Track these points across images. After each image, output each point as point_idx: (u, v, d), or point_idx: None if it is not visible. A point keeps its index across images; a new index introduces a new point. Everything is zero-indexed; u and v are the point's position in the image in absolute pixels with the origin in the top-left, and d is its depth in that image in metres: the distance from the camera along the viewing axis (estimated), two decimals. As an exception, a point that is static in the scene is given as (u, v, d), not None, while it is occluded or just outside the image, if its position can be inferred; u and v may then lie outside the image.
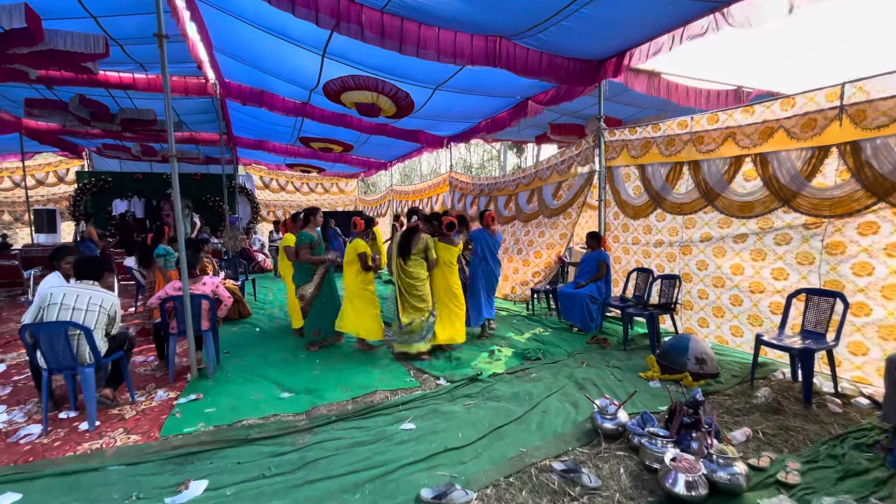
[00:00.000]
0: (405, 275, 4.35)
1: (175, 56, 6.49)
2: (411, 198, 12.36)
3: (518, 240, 6.38)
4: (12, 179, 13.59)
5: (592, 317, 5.16)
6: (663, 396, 3.40)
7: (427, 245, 4.38)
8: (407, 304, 4.36)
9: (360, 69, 5.63)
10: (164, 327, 3.94)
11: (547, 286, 6.00)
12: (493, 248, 4.99)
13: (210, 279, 4.01)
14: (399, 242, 4.39)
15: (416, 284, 4.34)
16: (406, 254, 4.33)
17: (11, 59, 5.29)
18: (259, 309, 6.76)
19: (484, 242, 4.97)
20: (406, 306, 4.37)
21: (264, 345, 4.97)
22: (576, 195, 5.80)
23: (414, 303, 4.33)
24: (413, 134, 8.97)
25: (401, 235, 4.45)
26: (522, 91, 6.34)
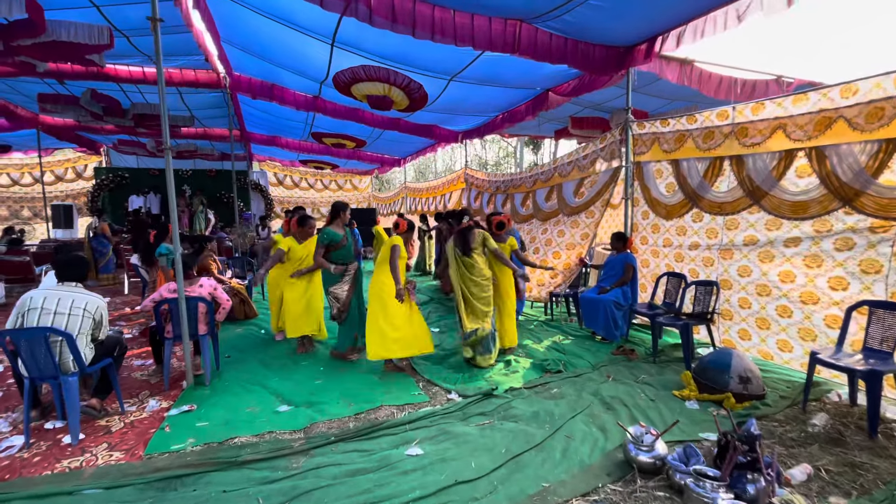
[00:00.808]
0: (471, 273, 4.06)
1: (183, 48, 6.30)
2: (425, 195, 12.05)
3: (535, 239, 6.01)
4: (32, 175, 13.74)
5: (617, 324, 4.77)
6: (704, 421, 3.02)
7: (485, 238, 4.17)
8: (472, 308, 4.06)
9: (371, 59, 5.33)
10: (160, 331, 3.71)
11: (567, 290, 5.61)
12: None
13: (208, 281, 3.76)
14: (456, 242, 4.18)
15: (482, 284, 4.06)
16: (467, 250, 4.09)
17: (16, 51, 5.15)
18: (266, 309, 6.52)
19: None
20: (470, 311, 4.06)
21: (267, 349, 4.72)
22: (599, 192, 5.40)
23: (481, 306, 4.04)
24: (427, 129, 8.66)
25: (456, 235, 4.23)
26: (543, 81, 5.95)
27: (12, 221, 13.39)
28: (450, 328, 5.37)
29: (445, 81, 5.82)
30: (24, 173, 13.73)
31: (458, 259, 4.13)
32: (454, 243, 4.20)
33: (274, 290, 4.97)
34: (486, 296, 4.09)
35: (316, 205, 17.00)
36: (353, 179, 17.30)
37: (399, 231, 3.95)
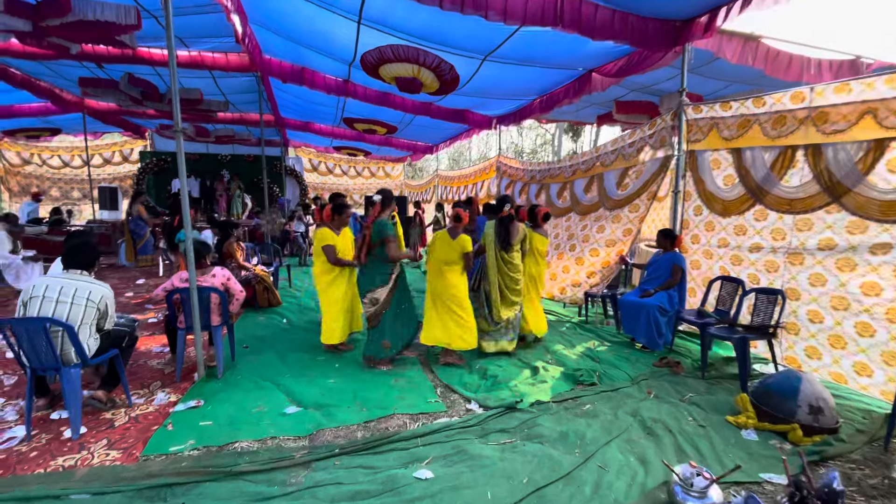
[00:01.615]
0: (508, 268, 4.10)
1: (213, 29, 6.18)
2: (456, 183, 11.70)
3: (573, 234, 5.54)
4: (81, 158, 14.35)
5: (661, 332, 4.31)
6: (766, 457, 2.57)
7: (526, 236, 4.24)
8: (506, 299, 4.13)
9: (399, 37, 5.00)
10: (172, 320, 3.59)
11: (604, 290, 5.16)
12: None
13: (221, 271, 3.60)
14: (497, 232, 4.09)
15: (516, 278, 4.14)
16: (508, 245, 4.07)
17: (46, 31, 5.15)
18: (291, 297, 6.44)
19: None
20: (505, 301, 4.13)
21: (286, 340, 4.57)
22: (646, 184, 4.88)
23: (513, 297, 4.16)
24: (459, 114, 8.27)
25: (497, 225, 4.09)
26: (585, 61, 5.44)
27: (62, 202, 14.08)
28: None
29: (478, 61, 5.41)
30: (73, 156, 14.36)
31: (497, 252, 4.09)
32: (495, 234, 4.08)
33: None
34: (518, 288, 4.18)
35: (349, 191, 17.00)
36: (386, 167, 17.15)
37: (464, 225, 3.85)
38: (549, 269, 5.49)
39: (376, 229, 3.77)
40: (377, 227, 3.78)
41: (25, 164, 13.93)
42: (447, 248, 3.80)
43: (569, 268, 5.42)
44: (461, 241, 3.76)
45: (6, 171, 13.53)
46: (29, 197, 11.30)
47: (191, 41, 6.70)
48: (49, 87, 8.88)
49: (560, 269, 5.50)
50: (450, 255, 3.78)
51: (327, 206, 4.09)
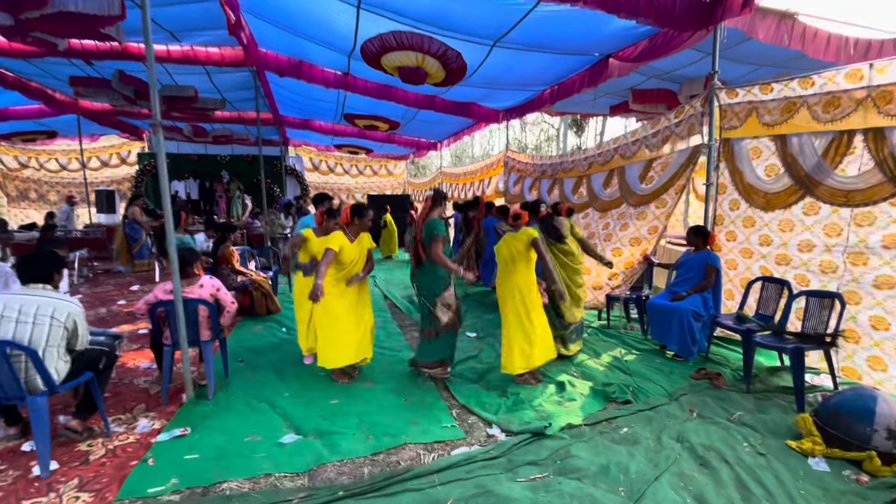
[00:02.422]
0: (569, 259, 4.02)
1: (205, 20, 5.81)
2: (462, 180, 11.32)
3: (594, 233, 5.15)
4: (79, 161, 14.05)
5: (695, 339, 3.92)
6: (844, 493, 2.19)
7: (572, 224, 4.19)
8: (574, 296, 4.00)
9: (402, 22, 4.61)
10: (157, 336, 3.24)
11: (627, 293, 4.77)
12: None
13: (209, 280, 3.24)
14: (545, 231, 3.94)
15: (579, 269, 4.09)
16: (560, 237, 3.97)
17: (28, 25, 4.81)
18: (291, 302, 6.06)
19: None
20: (574, 299, 4.00)
21: (285, 352, 4.22)
22: (673, 177, 4.48)
23: (579, 293, 4.07)
24: (464, 107, 7.88)
25: (540, 225, 3.93)
26: (602, 45, 5.03)
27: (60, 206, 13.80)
28: (488, 333, 4.69)
29: (487, 48, 5.02)
30: (71, 159, 14.08)
31: (552, 248, 3.95)
32: (542, 233, 3.83)
33: (304, 304, 3.90)
34: (582, 283, 4.11)
35: (351, 191, 16.66)
36: (388, 164, 16.79)
37: (522, 223, 3.48)
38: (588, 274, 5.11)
39: (427, 229, 3.43)
40: (428, 227, 3.44)
41: (23, 168, 13.67)
42: (512, 243, 3.45)
43: (589, 269, 5.03)
44: (526, 232, 3.39)
45: (4, 175, 13.27)
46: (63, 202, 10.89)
47: (182, 34, 6.34)
48: (41, 87, 8.56)
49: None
50: (515, 248, 3.41)
51: (345, 207, 3.55)
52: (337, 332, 3.42)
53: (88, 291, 6.94)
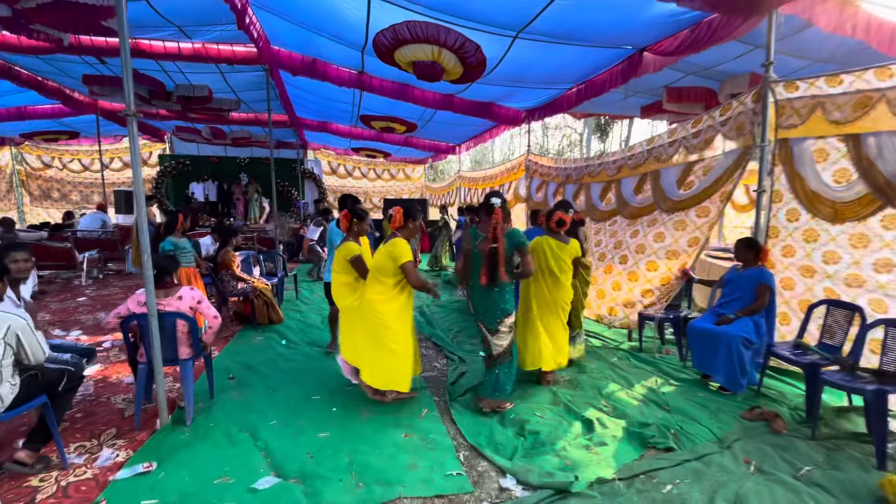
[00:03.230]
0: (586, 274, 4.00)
1: (213, 15, 5.57)
2: (481, 185, 10.89)
3: (621, 242, 4.64)
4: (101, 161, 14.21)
5: (745, 370, 3.38)
6: None
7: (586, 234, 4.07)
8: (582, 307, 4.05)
9: (417, 11, 4.24)
10: (130, 354, 2.90)
11: (663, 313, 4.23)
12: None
13: (189, 291, 2.89)
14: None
15: (589, 280, 4.09)
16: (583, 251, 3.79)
17: (27, 17, 4.64)
18: (295, 311, 5.75)
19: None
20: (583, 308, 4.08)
21: (280, 369, 3.85)
22: (717, 182, 3.95)
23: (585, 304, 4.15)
24: (484, 107, 7.46)
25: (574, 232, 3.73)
26: (637, 36, 4.54)
27: (82, 206, 13.96)
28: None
29: (509, 40, 4.60)
30: (93, 160, 14.23)
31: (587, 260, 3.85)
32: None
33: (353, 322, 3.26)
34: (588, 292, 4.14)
35: (368, 194, 16.45)
36: (406, 168, 16.51)
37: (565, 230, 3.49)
38: (595, 285, 4.61)
39: (514, 239, 3.02)
40: (515, 237, 3.03)
41: (46, 168, 13.88)
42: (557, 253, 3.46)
43: (620, 284, 4.51)
44: (575, 245, 3.50)
45: (27, 174, 13.50)
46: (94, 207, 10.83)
47: (192, 30, 6.12)
48: (58, 87, 8.54)
49: (609, 285, 4.59)
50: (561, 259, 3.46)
51: (397, 210, 3.14)
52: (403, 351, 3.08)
53: (94, 294, 6.77)
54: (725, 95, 5.89)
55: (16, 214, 13.43)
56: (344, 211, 3.47)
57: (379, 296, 3.04)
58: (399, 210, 3.09)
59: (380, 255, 3.07)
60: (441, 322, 5.35)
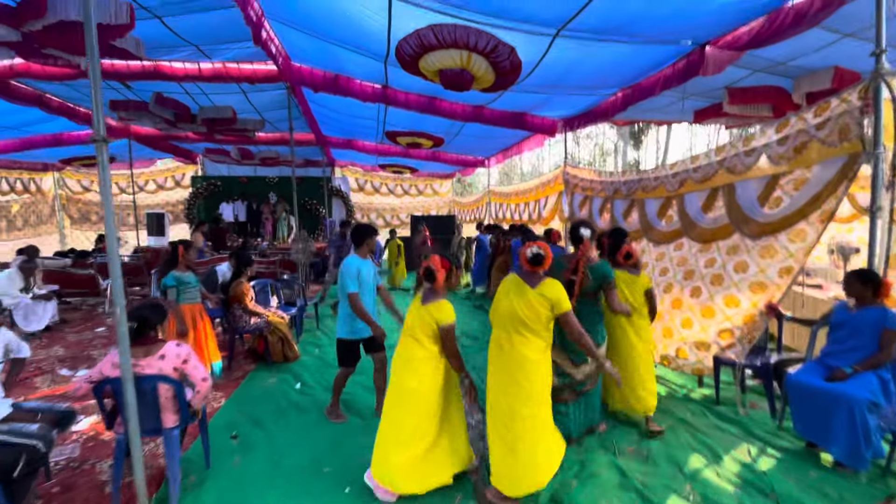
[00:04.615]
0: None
1: (230, 32, 5.31)
2: (514, 200, 10.27)
3: (693, 273, 3.89)
4: (138, 184, 14.52)
5: (870, 441, 2.60)
6: None
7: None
8: None
9: (442, 11, 3.74)
10: (108, 423, 2.44)
11: (746, 357, 3.46)
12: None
13: (175, 348, 2.41)
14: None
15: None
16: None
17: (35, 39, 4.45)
18: (313, 345, 5.27)
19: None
20: None
21: (290, 425, 3.34)
22: (815, 200, 3.20)
23: None
24: (516, 118, 6.91)
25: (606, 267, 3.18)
26: (700, 28, 3.88)
27: (118, 230, 14.23)
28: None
29: (548, 39, 4.03)
30: (129, 183, 14.53)
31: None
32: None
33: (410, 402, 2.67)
34: None
35: (396, 211, 16.14)
36: (434, 183, 16.12)
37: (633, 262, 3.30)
38: (661, 322, 3.89)
39: (600, 271, 2.90)
40: (601, 270, 2.91)
41: (85, 192, 14.28)
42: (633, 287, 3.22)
43: (691, 321, 3.77)
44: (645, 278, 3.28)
45: (67, 198, 13.91)
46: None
47: (210, 49, 5.89)
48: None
49: (679, 322, 3.85)
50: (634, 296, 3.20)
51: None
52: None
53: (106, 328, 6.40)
54: (801, 95, 5.10)
55: (57, 237, 13.82)
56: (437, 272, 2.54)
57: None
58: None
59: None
60: (473, 359, 4.73)
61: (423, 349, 2.48)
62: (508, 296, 2.49)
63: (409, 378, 2.47)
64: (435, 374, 2.49)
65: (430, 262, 2.50)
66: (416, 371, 2.47)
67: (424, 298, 2.53)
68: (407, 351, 2.52)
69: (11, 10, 4.02)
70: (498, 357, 2.50)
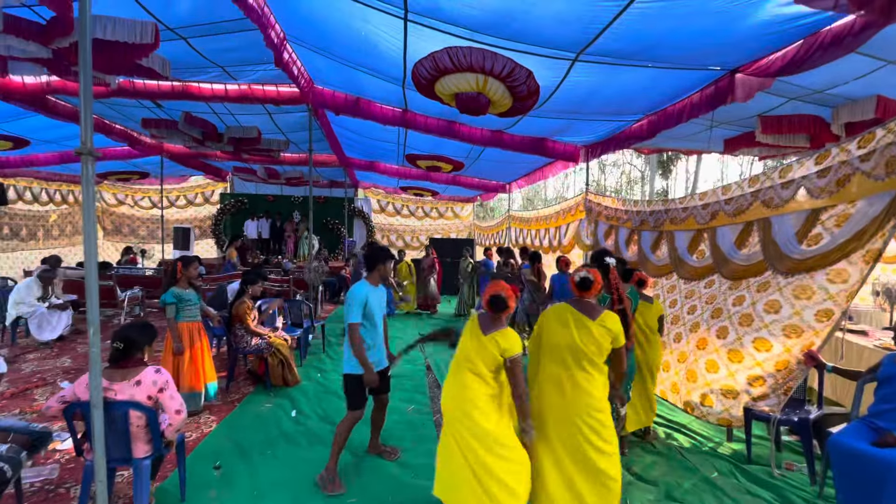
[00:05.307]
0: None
1: (253, 54, 5.42)
2: (534, 226, 10.05)
3: (720, 311, 3.55)
4: (169, 199, 15.03)
5: (934, 523, 2.20)
6: None
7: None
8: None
9: (458, 35, 3.68)
10: (77, 450, 2.31)
11: (784, 411, 3.09)
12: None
13: (151, 374, 2.28)
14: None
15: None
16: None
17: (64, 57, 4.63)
18: (317, 370, 5.11)
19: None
20: None
21: (277, 457, 3.15)
22: (859, 237, 2.88)
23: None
24: (537, 143, 6.77)
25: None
26: (730, 52, 3.67)
27: (147, 241, 14.69)
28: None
29: (567, 63, 3.90)
30: (162, 197, 15.05)
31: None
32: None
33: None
34: None
35: (415, 233, 16.13)
36: (455, 207, 16.09)
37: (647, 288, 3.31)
38: (685, 363, 3.55)
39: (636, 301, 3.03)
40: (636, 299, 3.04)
41: (120, 205, 14.86)
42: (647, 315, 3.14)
43: (716, 364, 3.42)
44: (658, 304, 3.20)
45: (102, 211, 14.49)
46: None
47: (236, 71, 6.05)
48: (124, 130, 8.95)
49: (703, 364, 3.51)
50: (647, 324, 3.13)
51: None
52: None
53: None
54: (840, 125, 4.79)
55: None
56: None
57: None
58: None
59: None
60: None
61: (487, 386, 2.23)
62: (567, 327, 2.31)
63: (483, 419, 2.18)
64: (502, 412, 2.25)
65: (499, 289, 2.28)
66: (484, 411, 2.20)
67: (485, 328, 2.28)
68: (469, 390, 2.23)
69: (41, 28, 4.17)
70: (560, 397, 2.28)
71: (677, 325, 3.96)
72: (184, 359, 3.65)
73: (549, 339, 2.35)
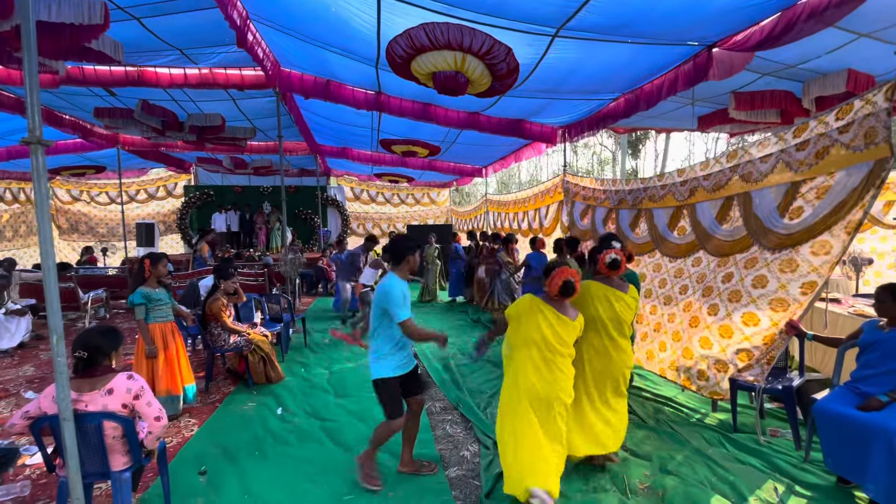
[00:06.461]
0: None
1: (213, 35, 5.08)
2: (511, 209, 10.04)
3: (711, 290, 3.58)
4: (128, 194, 14.23)
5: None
6: None
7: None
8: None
9: (434, 10, 3.52)
10: (48, 466, 2.14)
11: (768, 380, 3.17)
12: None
13: (124, 382, 2.10)
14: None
15: None
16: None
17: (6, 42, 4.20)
18: (301, 364, 4.96)
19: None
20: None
21: (266, 457, 3.03)
22: (839, 209, 2.95)
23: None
24: (514, 125, 6.69)
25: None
26: (709, 25, 3.65)
27: (108, 239, 13.93)
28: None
29: (547, 39, 3.80)
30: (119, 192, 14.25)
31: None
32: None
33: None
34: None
35: (392, 220, 15.89)
36: (431, 192, 15.90)
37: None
38: (680, 342, 3.59)
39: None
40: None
41: (75, 202, 13.98)
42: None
43: (709, 341, 3.47)
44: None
45: (56, 209, 13.61)
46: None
47: (195, 54, 5.66)
48: (75, 120, 8.34)
49: (697, 342, 3.56)
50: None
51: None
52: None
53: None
54: (811, 99, 4.88)
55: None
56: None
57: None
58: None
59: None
60: (469, 379, 4.43)
61: (566, 360, 2.49)
62: (606, 300, 2.72)
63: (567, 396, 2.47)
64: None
65: (568, 274, 2.43)
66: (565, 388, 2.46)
67: (566, 311, 2.50)
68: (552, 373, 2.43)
69: (-22, 13, 3.76)
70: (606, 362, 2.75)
71: (670, 306, 4.00)
72: (158, 362, 3.45)
73: (588, 313, 2.69)
